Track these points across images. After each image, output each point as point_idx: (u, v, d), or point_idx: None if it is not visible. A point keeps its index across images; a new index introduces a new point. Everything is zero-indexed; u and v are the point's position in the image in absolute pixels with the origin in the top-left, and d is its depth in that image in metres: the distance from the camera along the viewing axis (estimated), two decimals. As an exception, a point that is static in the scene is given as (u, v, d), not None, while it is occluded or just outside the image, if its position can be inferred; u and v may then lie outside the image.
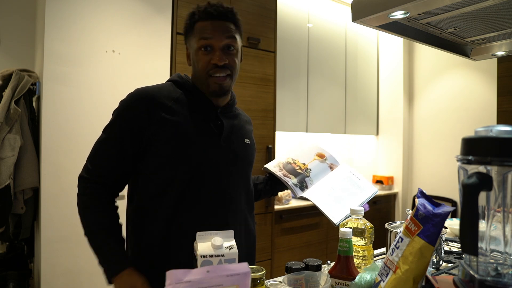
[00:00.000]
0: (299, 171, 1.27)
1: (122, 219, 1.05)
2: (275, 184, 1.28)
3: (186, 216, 0.99)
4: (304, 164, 1.30)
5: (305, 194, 1.22)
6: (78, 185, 1.01)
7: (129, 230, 1.06)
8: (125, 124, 1.00)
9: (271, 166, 1.29)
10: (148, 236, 1.00)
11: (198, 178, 1.00)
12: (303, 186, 1.23)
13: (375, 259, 1.15)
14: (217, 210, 1.03)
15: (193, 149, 1.00)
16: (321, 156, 1.33)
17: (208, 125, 1.05)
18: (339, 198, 1.19)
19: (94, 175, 1.00)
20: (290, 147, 3.40)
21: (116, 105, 1.04)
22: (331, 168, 1.31)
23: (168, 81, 1.11)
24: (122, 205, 1.08)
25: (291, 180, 1.23)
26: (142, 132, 0.98)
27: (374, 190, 1.23)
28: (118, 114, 1.02)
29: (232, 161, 1.07)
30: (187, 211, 0.99)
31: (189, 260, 0.87)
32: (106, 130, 1.03)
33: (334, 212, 1.14)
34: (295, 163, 1.29)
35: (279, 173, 1.25)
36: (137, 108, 0.99)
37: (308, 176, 1.26)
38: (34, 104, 2.09)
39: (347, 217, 1.07)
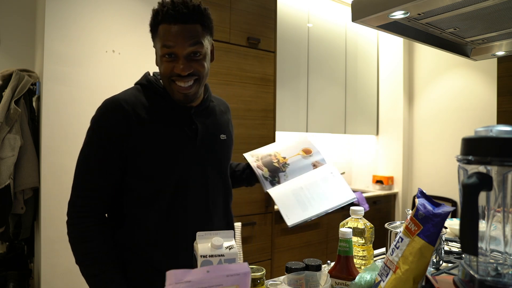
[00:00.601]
0: (276, 164, 1.20)
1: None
2: (251, 174, 1.23)
3: (173, 223, 0.99)
4: (285, 158, 1.22)
5: (269, 190, 1.16)
6: (67, 213, 0.97)
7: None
8: (105, 139, 0.94)
9: (249, 154, 1.24)
10: (135, 244, 0.98)
11: (182, 186, 0.99)
12: (274, 180, 1.17)
13: (375, 259, 1.15)
14: (202, 214, 1.03)
15: (172, 159, 0.98)
16: (307, 151, 1.24)
17: (182, 131, 1.01)
18: (305, 200, 1.10)
19: (85, 209, 0.96)
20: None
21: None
22: (315, 166, 1.22)
23: (136, 84, 1.06)
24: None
25: (262, 173, 1.17)
26: (122, 143, 0.94)
27: (351, 197, 1.13)
28: (94, 131, 0.97)
29: (209, 161, 1.05)
30: (174, 219, 0.99)
31: (179, 265, 0.88)
32: (84, 151, 0.97)
33: (291, 214, 1.07)
34: (275, 156, 1.22)
35: (253, 164, 1.20)
36: (113, 120, 0.95)
37: (284, 171, 1.19)
38: (34, 104, 2.09)
39: (305, 222, 1.04)
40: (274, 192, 1.15)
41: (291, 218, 1.06)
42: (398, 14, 1.06)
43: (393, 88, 3.69)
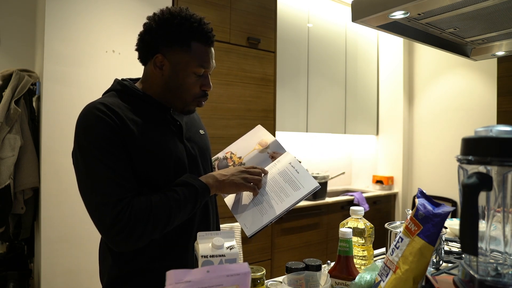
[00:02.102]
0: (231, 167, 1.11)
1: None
2: None
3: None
4: (240, 157, 1.14)
5: (226, 198, 1.07)
6: (111, 222, 0.85)
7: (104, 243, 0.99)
8: (106, 139, 0.88)
9: (213, 159, 1.18)
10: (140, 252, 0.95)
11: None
12: None
13: (375, 259, 1.15)
14: (204, 208, 1.05)
15: (168, 156, 0.97)
16: (262, 144, 1.14)
17: (169, 128, 1.01)
18: (263, 203, 0.99)
19: (121, 202, 0.86)
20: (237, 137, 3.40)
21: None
22: (273, 158, 1.12)
23: (109, 91, 1.05)
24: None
25: None
26: (124, 141, 0.90)
27: (313, 186, 1.00)
28: (89, 134, 0.89)
29: (197, 156, 1.06)
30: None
31: (179, 263, 0.88)
32: (86, 159, 0.88)
33: (249, 222, 0.97)
34: (231, 158, 1.15)
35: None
36: (107, 119, 0.90)
37: None
38: (34, 104, 2.09)
39: (263, 228, 0.95)
40: (229, 199, 1.06)
41: (250, 227, 0.95)
42: (398, 14, 1.06)
43: (393, 88, 3.69)
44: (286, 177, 1.03)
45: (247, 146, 1.16)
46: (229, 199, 1.07)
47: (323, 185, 2.99)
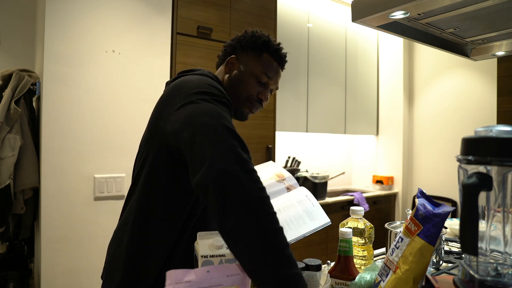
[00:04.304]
0: None
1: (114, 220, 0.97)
2: None
3: (201, 221, 0.96)
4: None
5: None
6: (240, 173, 0.67)
7: (129, 231, 0.89)
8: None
9: None
10: (157, 242, 0.89)
11: None
12: None
13: (375, 259, 1.15)
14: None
15: None
16: (279, 176, 1.22)
17: None
18: (283, 223, 1.02)
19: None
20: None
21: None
22: (289, 189, 1.20)
23: (207, 75, 0.99)
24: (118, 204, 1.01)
25: None
26: None
27: (326, 221, 1.06)
28: (217, 100, 0.83)
29: None
30: (203, 217, 0.96)
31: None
32: (221, 116, 0.77)
33: None
34: None
35: None
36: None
37: None
38: (34, 104, 2.09)
39: None
40: None
41: None
42: (398, 14, 1.06)
43: (393, 88, 3.69)
44: (303, 207, 1.10)
45: (263, 173, 1.22)
46: None
47: (323, 185, 2.99)
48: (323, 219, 1.08)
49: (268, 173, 1.23)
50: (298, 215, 1.07)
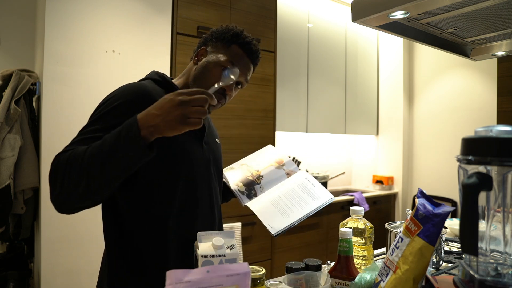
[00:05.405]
0: (250, 178, 1.19)
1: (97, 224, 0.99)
2: (226, 189, 1.20)
3: (184, 221, 0.97)
4: (258, 170, 1.21)
5: (248, 203, 1.14)
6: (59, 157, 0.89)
7: (112, 236, 0.97)
8: (120, 117, 0.84)
9: (225, 170, 1.23)
10: (141, 242, 0.94)
11: (192, 183, 0.99)
12: (251, 194, 1.15)
13: (375, 259, 1.15)
14: (209, 211, 1.05)
15: (185, 156, 0.97)
16: (279, 162, 1.24)
17: (193, 130, 0.95)
18: (285, 208, 1.09)
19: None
20: (250, 152, 3.40)
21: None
22: (289, 174, 1.21)
23: (146, 78, 1.03)
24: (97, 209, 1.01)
25: (238, 188, 1.16)
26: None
27: (329, 197, 1.13)
28: (112, 106, 0.90)
29: (212, 162, 1.07)
30: (187, 217, 0.98)
31: (183, 263, 0.87)
32: (94, 120, 0.93)
33: (274, 223, 1.05)
34: (248, 170, 1.21)
35: (227, 180, 1.19)
36: (135, 101, 0.89)
37: (259, 184, 1.18)
38: (34, 104, 2.09)
39: (288, 228, 1.03)
40: (253, 205, 1.13)
41: (274, 226, 1.04)
42: (398, 14, 1.06)
43: (393, 88, 3.69)
44: (304, 189, 1.13)
45: (262, 161, 1.24)
46: (252, 205, 1.13)
47: (323, 185, 2.98)
48: (325, 197, 1.11)
49: (267, 160, 1.24)
50: (299, 198, 1.10)
